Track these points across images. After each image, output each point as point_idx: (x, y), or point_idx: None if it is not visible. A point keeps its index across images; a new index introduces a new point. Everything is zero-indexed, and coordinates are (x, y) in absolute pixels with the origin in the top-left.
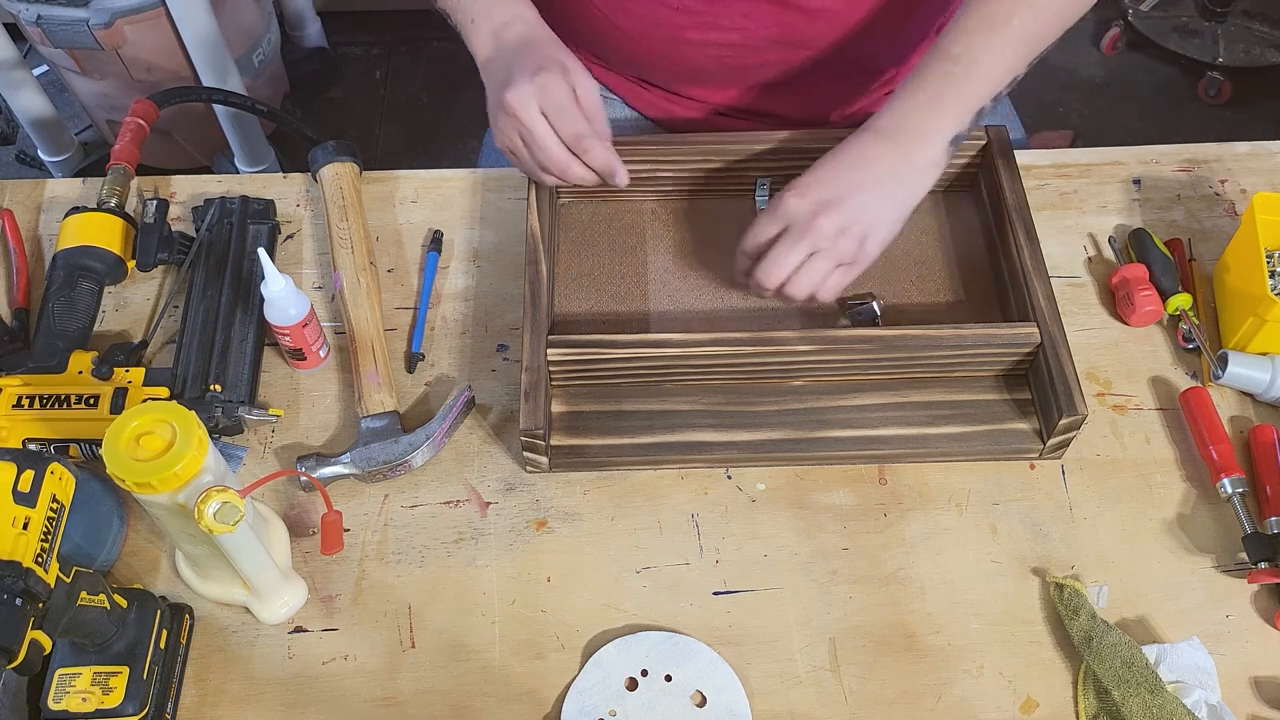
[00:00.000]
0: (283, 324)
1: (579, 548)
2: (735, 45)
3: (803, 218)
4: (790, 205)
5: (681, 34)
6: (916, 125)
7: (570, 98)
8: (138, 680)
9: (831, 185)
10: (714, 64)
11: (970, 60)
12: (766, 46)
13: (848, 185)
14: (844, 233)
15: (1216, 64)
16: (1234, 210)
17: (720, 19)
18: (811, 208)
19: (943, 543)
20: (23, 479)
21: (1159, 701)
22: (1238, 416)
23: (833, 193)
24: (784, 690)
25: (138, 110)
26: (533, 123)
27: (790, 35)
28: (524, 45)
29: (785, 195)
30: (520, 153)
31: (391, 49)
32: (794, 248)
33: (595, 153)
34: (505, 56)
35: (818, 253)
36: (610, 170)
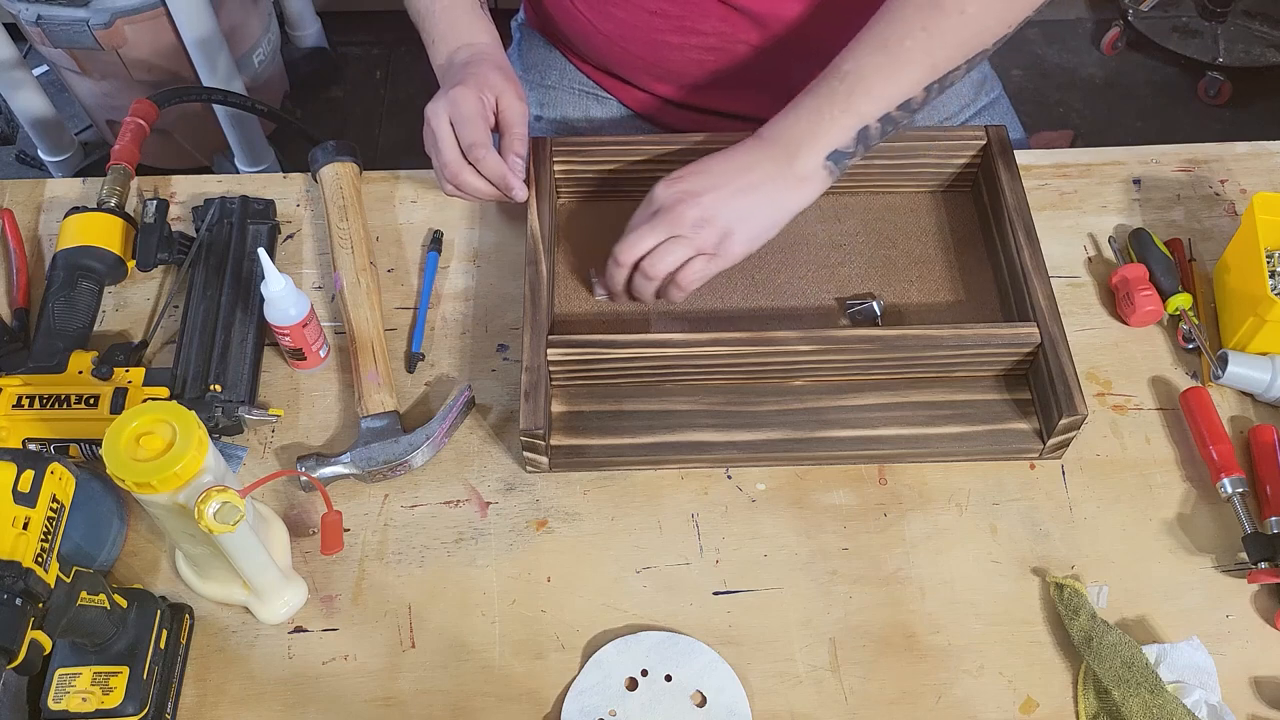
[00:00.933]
0: (283, 324)
1: (579, 548)
2: (714, 49)
3: (667, 204)
4: (658, 192)
5: (661, 37)
6: (795, 137)
7: (477, 110)
8: (138, 680)
9: (701, 179)
10: (694, 67)
11: (857, 79)
12: (745, 50)
13: (717, 181)
14: (705, 224)
15: (1216, 64)
16: (1234, 210)
17: (699, 23)
18: (676, 195)
19: (943, 543)
20: (23, 479)
21: (1159, 701)
22: (1238, 416)
23: (700, 185)
24: (784, 690)
25: (138, 110)
26: (439, 130)
27: (768, 39)
28: (463, 66)
29: (658, 183)
30: (433, 160)
31: (391, 49)
32: (654, 229)
33: (487, 162)
34: (446, 76)
35: (677, 238)
36: (503, 182)
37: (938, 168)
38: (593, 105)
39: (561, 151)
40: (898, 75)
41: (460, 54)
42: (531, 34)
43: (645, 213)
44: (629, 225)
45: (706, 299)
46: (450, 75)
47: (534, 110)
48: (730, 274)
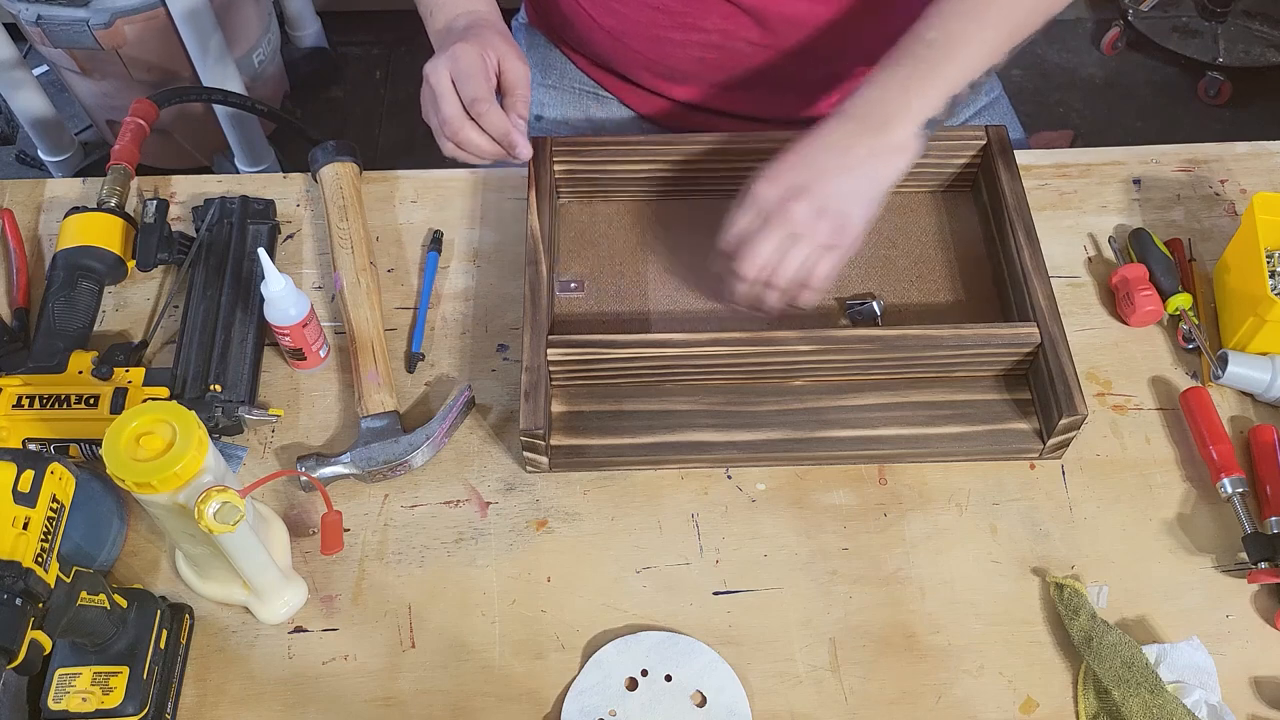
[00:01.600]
0: (283, 324)
1: (579, 548)
2: (716, 46)
3: (775, 204)
4: (761, 192)
5: (664, 33)
6: (888, 108)
7: (479, 66)
8: (138, 680)
9: (802, 170)
10: (696, 65)
11: (945, 45)
12: (747, 47)
13: (819, 169)
14: (820, 216)
15: (1216, 64)
16: (1234, 210)
17: (701, 20)
18: (782, 194)
19: (943, 543)
20: (23, 479)
21: (1159, 701)
22: (1238, 416)
23: (804, 177)
24: (784, 690)
25: (138, 110)
26: (439, 86)
27: (772, 39)
28: (462, 30)
29: (756, 183)
30: (430, 121)
31: (391, 49)
32: (770, 234)
33: (491, 117)
34: (444, 41)
35: (798, 239)
36: (507, 139)
37: (938, 168)
38: (593, 105)
39: (561, 151)
40: (984, 39)
41: (459, 20)
42: (533, 33)
43: (751, 216)
44: (733, 232)
45: (707, 299)
46: (448, 39)
47: (534, 110)
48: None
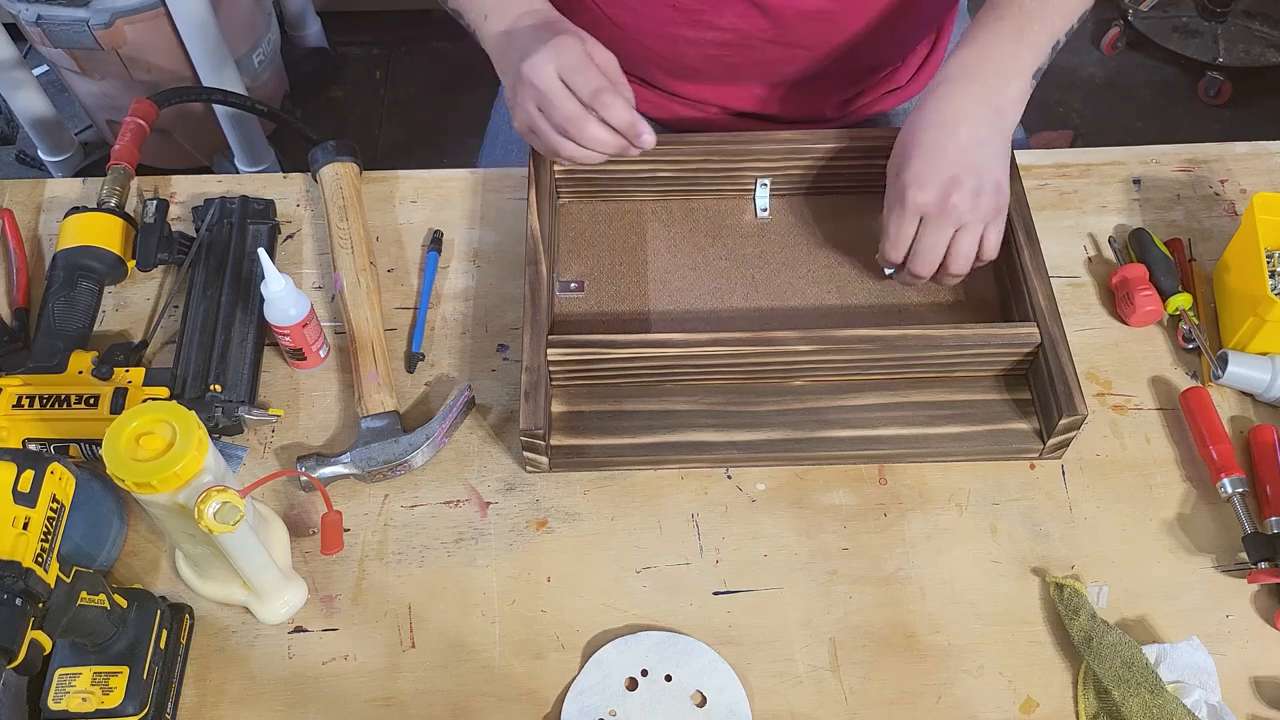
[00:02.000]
0: (283, 324)
1: (579, 548)
2: (730, 44)
3: (935, 207)
4: (917, 200)
5: (677, 31)
6: (1000, 62)
7: (586, 59)
8: (138, 680)
9: (944, 161)
10: (710, 62)
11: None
12: (762, 45)
13: (958, 153)
14: (979, 194)
15: (1216, 64)
16: (1234, 210)
17: (716, 18)
18: (939, 193)
19: (943, 543)
20: (23, 479)
21: (1159, 701)
22: (1238, 416)
23: (950, 169)
24: (784, 690)
25: (138, 110)
26: (548, 85)
27: (786, 36)
28: (535, 28)
29: (907, 192)
30: (538, 124)
31: (391, 49)
32: (940, 232)
33: (616, 108)
34: (518, 42)
35: (963, 226)
36: (634, 128)
37: None
38: None
39: None
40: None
41: (524, 21)
42: None
43: (911, 223)
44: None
45: (707, 299)
46: (520, 39)
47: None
48: (730, 274)
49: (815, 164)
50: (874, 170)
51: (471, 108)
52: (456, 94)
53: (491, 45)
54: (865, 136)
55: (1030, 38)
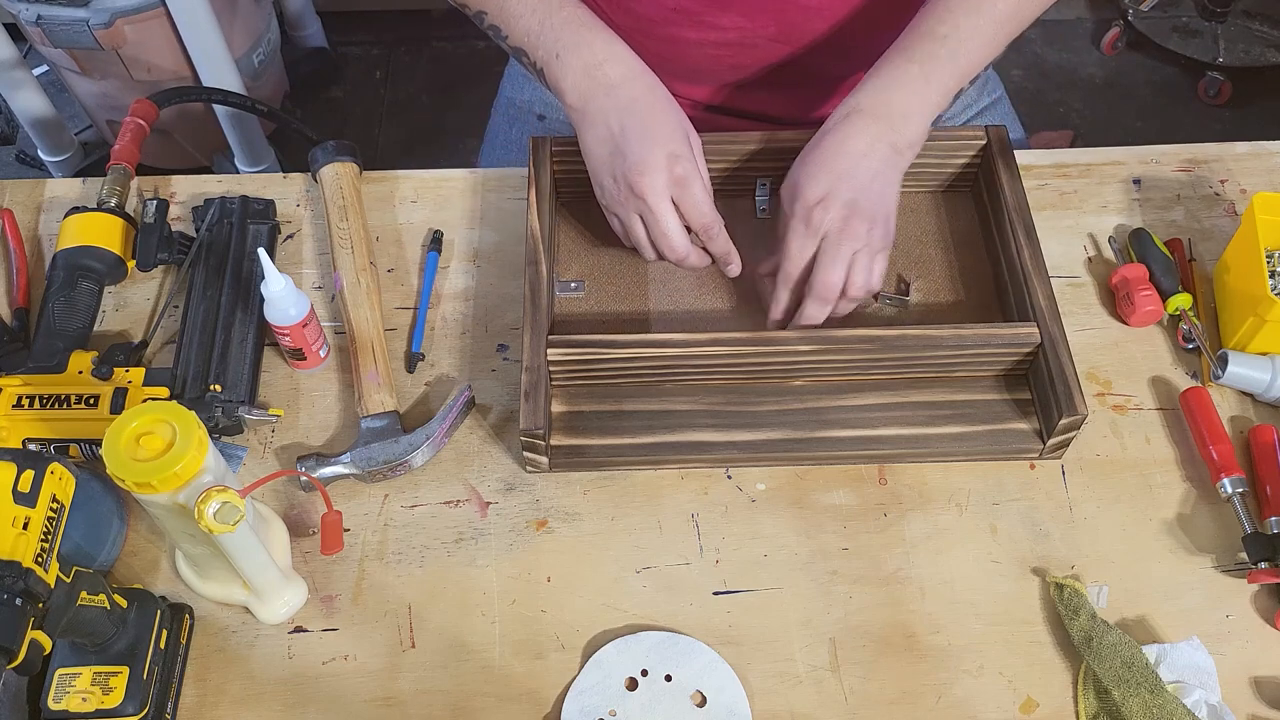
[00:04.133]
0: (283, 324)
1: (579, 548)
2: (733, 44)
3: (836, 226)
4: (816, 218)
5: (679, 33)
6: (908, 104)
7: (704, 188)
8: (138, 680)
9: (844, 184)
10: (711, 63)
11: (956, 41)
12: (764, 45)
13: (858, 181)
14: (874, 223)
15: (1216, 64)
16: (1234, 210)
17: (720, 19)
18: (842, 214)
19: (943, 543)
20: (23, 479)
21: (1159, 701)
22: (1238, 416)
23: (850, 193)
24: (784, 690)
25: (138, 110)
26: (663, 213)
27: (788, 33)
28: (635, 103)
29: (812, 213)
30: (633, 228)
31: (391, 49)
32: (841, 257)
33: (719, 241)
34: (614, 112)
35: (859, 251)
36: (728, 258)
37: (938, 168)
38: None
39: (561, 151)
40: (990, 34)
41: (605, 71)
42: None
43: (811, 242)
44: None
45: (707, 299)
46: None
47: (538, 110)
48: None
49: None
50: None
51: (471, 108)
52: (456, 94)
53: (567, 91)
54: None
55: (936, 82)
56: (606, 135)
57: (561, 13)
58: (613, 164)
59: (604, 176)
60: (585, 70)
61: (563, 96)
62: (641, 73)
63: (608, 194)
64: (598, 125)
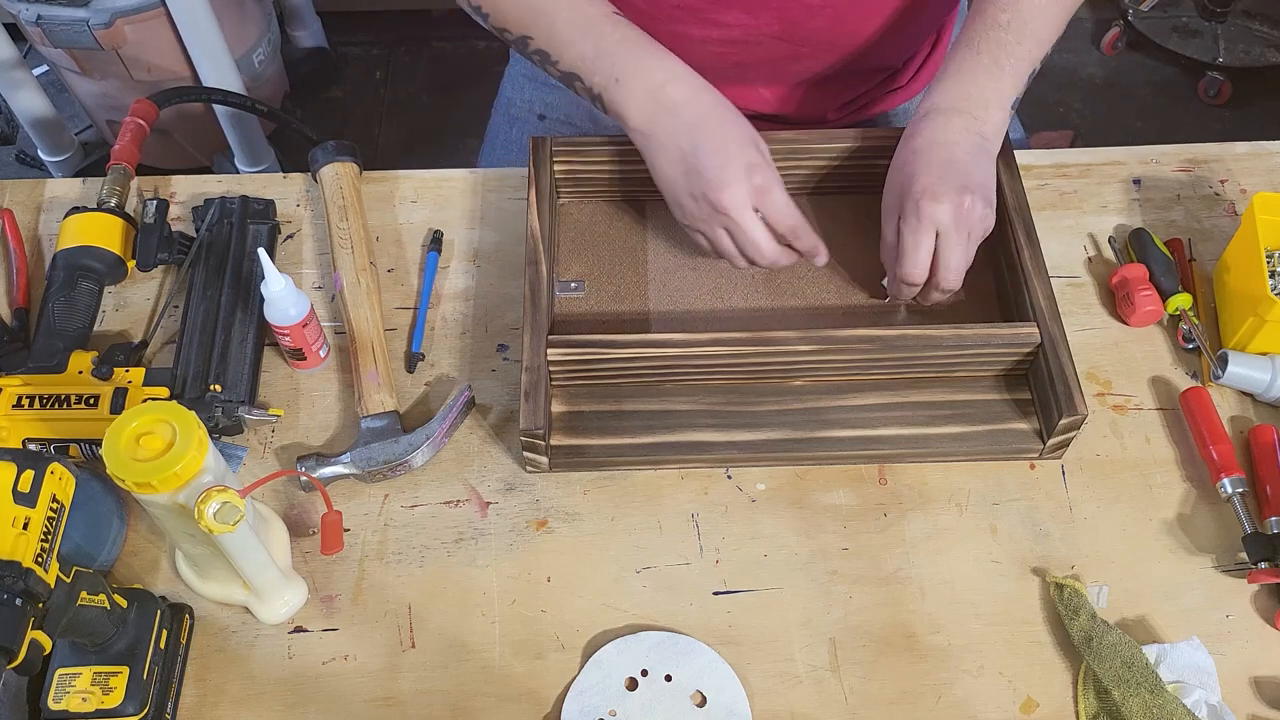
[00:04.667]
0: (283, 324)
1: (579, 548)
2: (736, 42)
3: (950, 216)
4: (934, 212)
5: (683, 30)
6: (981, 95)
7: (784, 193)
8: (138, 680)
9: (953, 174)
10: (715, 60)
11: (1020, 25)
12: (768, 42)
13: (962, 168)
14: (987, 206)
15: (1216, 64)
16: (1234, 210)
17: (724, 16)
18: (954, 205)
19: (943, 543)
20: (23, 479)
21: (1159, 701)
22: (1238, 416)
23: (958, 180)
24: (784, 690)
25: (138, 110)
26: (750, 225)
27: (792, 31)
28: (703, 119)
29: (921, 206)
30: (720, 242)
31: (391, 49)
32: (956, 244)
33: (807, 238)
34: (683, 131)
35: (972, 233)
36: (815, 250)
37: None
38: None
39: (561, 151)
40: (1052, 14)
41: (669, 91)
42: None
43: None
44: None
45: (707, 299)
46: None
47: (538, 109)
48: (730, 274)
49: (816, 164)
50: (875, 170)
51: (471, 108)
52: (456, 94)
53: (631, 114)
54: (866, 136)
55: (1008, 68)
56: (679, 156)
57: (615, 34)
58: (690, 184)
59: (682, 197)
60: (648, 93)
61: (625, 121)
62: (704, 89)
63: (688, 214)
64: (668, 147)
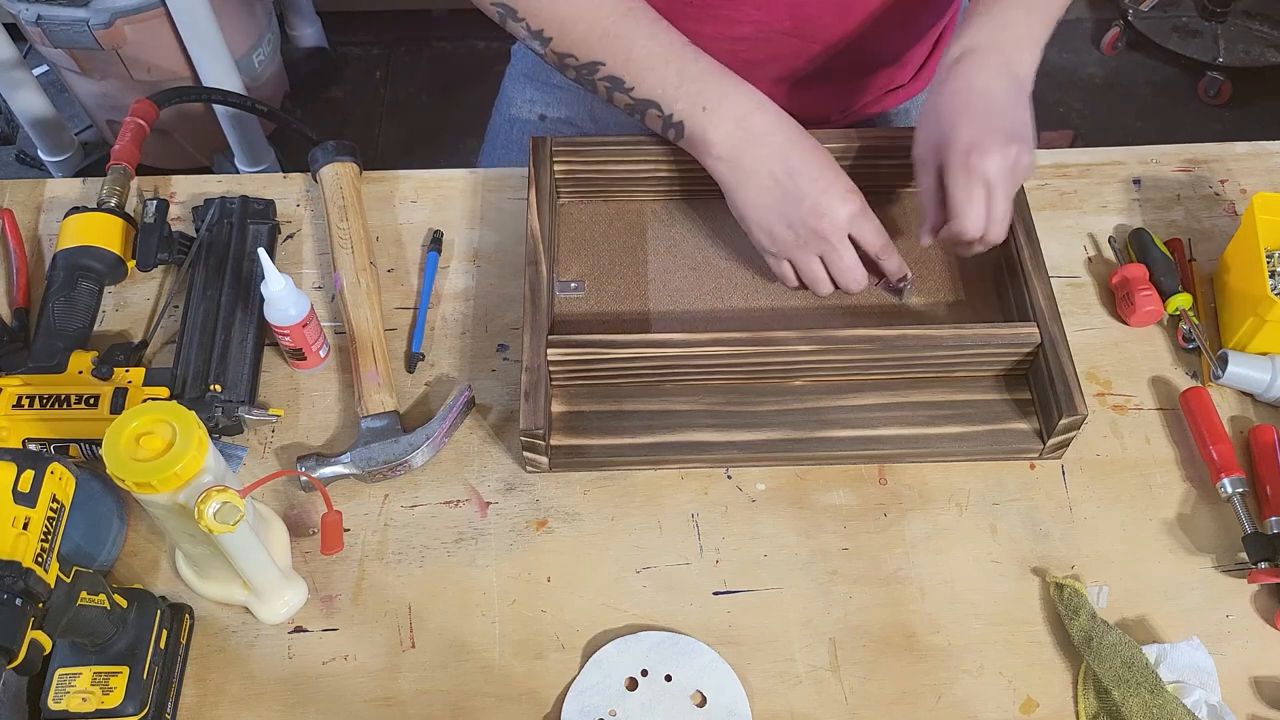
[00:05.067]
0: (283, 324)
1: (579, 548)
2: (747, 39)
3: (1000, 167)
4: (988, 166)
5: (695, 28)
6: (1014, 36)
7: (862, 201)
8: (138, 680)
9: (996, 124)
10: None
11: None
12: (777, 39)
13: (1003, 116)
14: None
15: (1216, 64)
16: (1234, 210)
17: (736, 13)
18: (1002, 155)
19: (943, 543)
20: (23, 479)
21: (1159, 701)
22: (1238, 416)
23: (1002, 128)
24: (784, 690)
25: (138, 110)
26: (847, 250)
27: (802, 26)
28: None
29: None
30: (810, 267)
31: (391, 49)
32: (1007, 197)
33: (894, 260)
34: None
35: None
36: (902, 271)
37: None
38: (598, 103)
39: (561, 151)
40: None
41: (755, 120)
42: None
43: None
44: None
45: (707, 299)
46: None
47: (538, 109)
48: (730, 274)
49: None
50: (875, 170)
51: (471, 108)
52: (456, 94)
53: (717, 141)
54: (866, 136)
55: (1038, 12)
56: (771, 184)
57: (699, 63)
58: (785, 210)
59: (774, 224)
60: (736, 121)
61: (710, 148)
62: (785, 118)
63: (780, 241)
64: (758, 175)
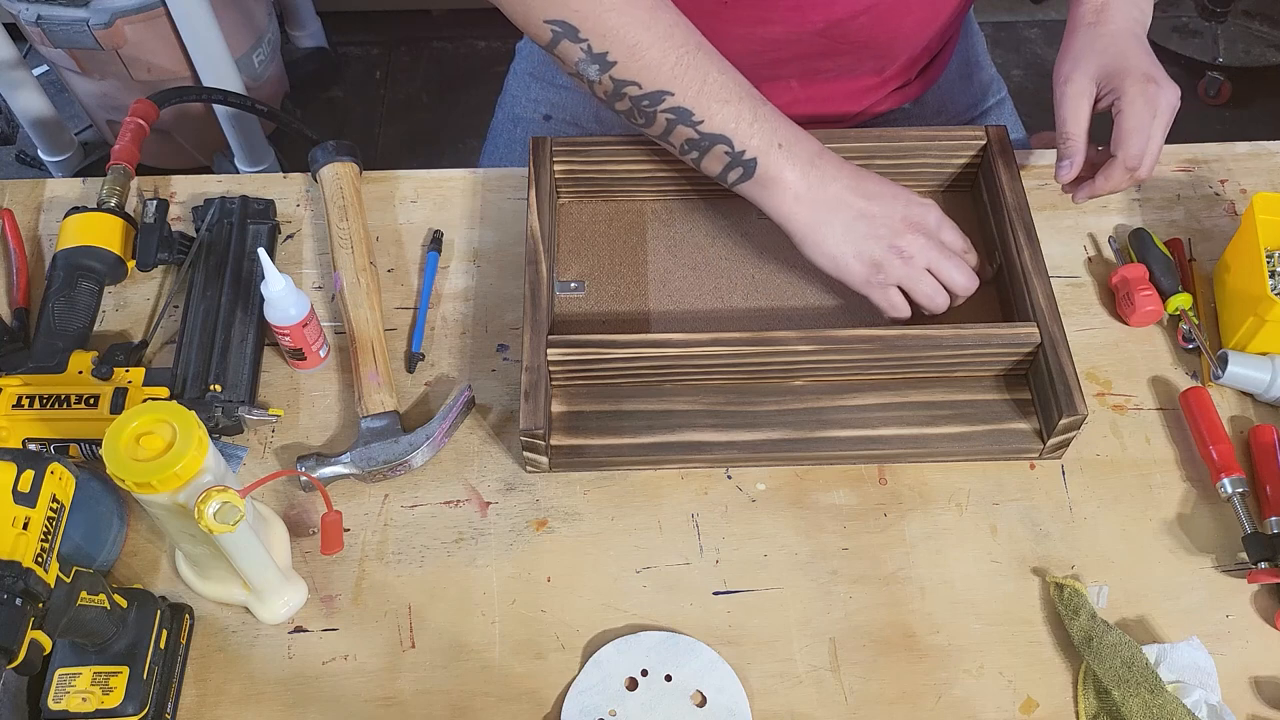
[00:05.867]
0: (283, 324)
1: (579, 548)
2: (779, 40)
3: (1171, 103)
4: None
5: (727, 29)
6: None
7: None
8: (138, 680)
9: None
10: (753, 59)
11: None
12: (808, 40)
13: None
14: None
15: (1216, 64)
16: (1234, 210)
17: (770, 13)
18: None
19: (943, 543)
20: (23, 479)
21: (1159, 701)
22: (1238, 416)
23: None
24: (784, 690)
25: (138, 110)
26: (947, 254)
27: (832, 29)
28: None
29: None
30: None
31: (391, 49)
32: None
33: (975, 255)
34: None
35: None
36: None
37: (938, 168)
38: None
39: (561, 151)
40: None
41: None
42: None
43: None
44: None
45: (707, 299)
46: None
47: (544, 110)
48: (730, 274)
49: None
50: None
51: (471, 108)
52: (456, 94)
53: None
54: (867, 136)
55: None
56: (855, 215)
57: (767, 104)
58: (880, 234)
59: (873, 252)
60: (809, 160)
61: (784, 186)
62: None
63: (886, 267)
64: (840, 209)
